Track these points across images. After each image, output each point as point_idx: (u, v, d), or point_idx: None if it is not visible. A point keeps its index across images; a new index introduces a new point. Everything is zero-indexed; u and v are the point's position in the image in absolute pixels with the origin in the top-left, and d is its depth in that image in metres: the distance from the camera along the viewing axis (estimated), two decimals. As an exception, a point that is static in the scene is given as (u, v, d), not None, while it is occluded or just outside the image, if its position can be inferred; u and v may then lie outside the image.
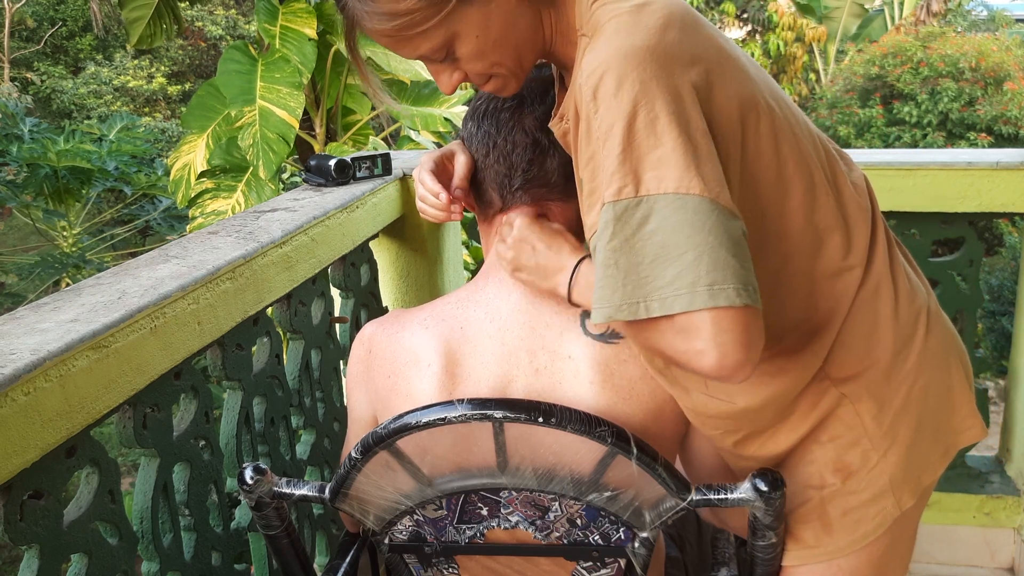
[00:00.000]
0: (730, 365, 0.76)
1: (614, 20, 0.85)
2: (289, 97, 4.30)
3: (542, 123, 1.04)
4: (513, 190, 1.06)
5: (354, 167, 1.83)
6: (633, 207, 0.78)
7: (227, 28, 14.40)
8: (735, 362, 0.76)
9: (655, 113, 0.79)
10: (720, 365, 0.76)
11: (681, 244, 0.76)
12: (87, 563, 1.06)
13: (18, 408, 0.90)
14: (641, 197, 0.78)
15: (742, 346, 0.76)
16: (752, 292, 0.76)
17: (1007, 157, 2.01)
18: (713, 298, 0.75)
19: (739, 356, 0.76)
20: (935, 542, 2.24)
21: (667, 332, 0.79)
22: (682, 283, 0.76)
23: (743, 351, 0.76)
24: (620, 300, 0.78)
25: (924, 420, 1.00)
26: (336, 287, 1.80)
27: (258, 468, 1.02)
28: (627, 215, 0.78)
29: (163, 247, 1.37)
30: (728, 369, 0.76)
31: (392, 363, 1.07)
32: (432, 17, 0.88)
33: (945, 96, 7.84)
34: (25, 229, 9.82)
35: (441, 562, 1.07)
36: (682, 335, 0.77)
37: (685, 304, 0.75)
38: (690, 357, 0.78)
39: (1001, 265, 5.97)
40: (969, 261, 2.15)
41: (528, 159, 1.04)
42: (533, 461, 0.94)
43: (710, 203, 0.77)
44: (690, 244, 0.76)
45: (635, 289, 0.78)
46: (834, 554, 1.02)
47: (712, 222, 0.77)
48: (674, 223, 0.77)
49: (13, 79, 13.88)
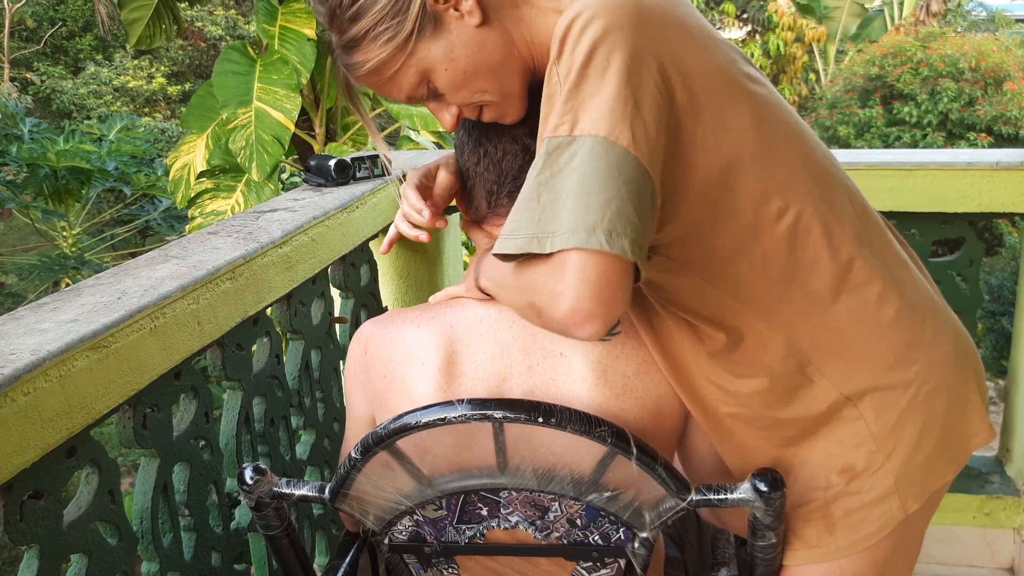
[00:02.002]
0: (583, 312, 0.75)
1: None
2: (286, 99, 4.30)
3: (532, 131, 1.04)
4: (499, 197, 1.07)
5: (354, 167, 1.83)
6: (565, 144, 0.80)
7: (227, 28, 14.40)
8: (589, 310, 0.75)
9: (608, 61, 0.81)
10: (573, 310, 0.75)
11: (596, 187, 0.77)
12: (87, 563, 1.06)
13: (18, 408, 0.90)
14: (574, 136, 0.80)
15: (598, 299, 0.75)
16: (639, 253, 0.76)
17: (1007, 157, 2.01)
18: (610, 244, 0.74)
19: (592, 307, 0.75)
20: (935, 542, 2.24)
21: (543, 270, 0.79)
22: (583, 222, 0.75)
23: (597, 303, 0.75)
24: (532, 232, 0.78)
25: (931, 423, 0.99)
26: (336, 287, 1.80)
27: (258, 468, 1.02)
28: (558, 151, 0.80)
29: (163, 247, 1.37)
30: (580, 316, 0.75)
31: (387, 363, 1.07)
32: (399, 58, 0.96)
33: (945, 96, 7.84)
34: (25, 229, 9.82)
35: (441, 562, 1.07)
36: (551, 275, 0.77)
37: (580, 241, 0.75)
38: (550, 300, 0.77)
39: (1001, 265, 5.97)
40: (969, 261, 2.15)
41: (519, 166, 1.05)
42: (533, 461, 0.94)
43: (634, 158, 0.78)
44: (604, 189, 0.77)
45: (547, 223, 0.78)
46: (835, 554, 1.02)
47: (629, 175, 0.78)
48: (596, 166, 0.78)
49: (13, 79, 13.88)
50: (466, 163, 1.10)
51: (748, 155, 0.90)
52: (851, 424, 0.98)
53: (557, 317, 0.77)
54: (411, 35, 0.95)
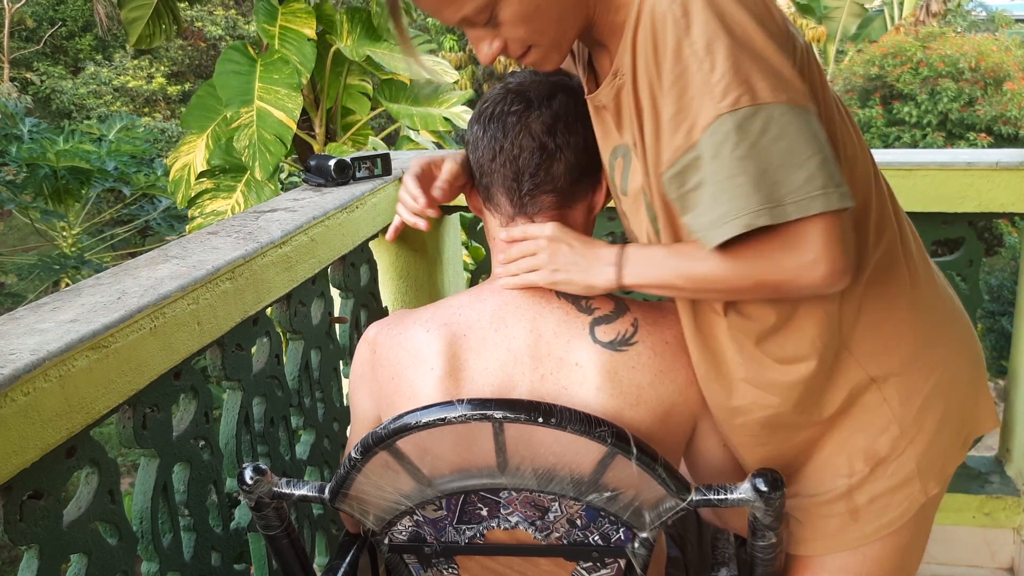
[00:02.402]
0: (838, 271, 0.81)
1: None
2: (287, 98, 4.31)
3: (549, 127, 1.03)
4: (522, 195, 1.06)
5: (354, 167, 1.83)
6: (750, 116, 0.80)
7: (227, 28, 14.40)
8: (843, 267, 0.81)
9: (753, 25, 0.82)
10: (830, 272, 0.81)
11: (806, 150, 0.79)
12: (87, 563, 1.06)
13: (18, 408, 0.90)
14: (759, 105, 0.80)
15: (846, 253, 0.81)
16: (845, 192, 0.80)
17: (1007, 157, 2.01)
18: (841, 200, 0.79)
19: (845, 262, 0.81)
20: (935, 542, 2.24)
21: (774, 247, 0.81)
22: (814, 186, 0.79)
23: (847, 257, 0.81)
24: (757, 205, 0.80)
25: (950, 409, 1.01)
26: (336, 287, 1.80)
27: (258, 468, 1.02)
28: (747, 123, 0.80)
29: (163, 247, 1.37)
30: (837, 275, 0.81)
31: (395, 365, 1.07)
32: None
33: (945, 96, 7.85)
34: (24, 229, 9.82)
35: (441, 562, 1.07)
36: (791, 249, 0.81)
37: (821, 206, 0.79)
38: (800, 271, 0.81)
39: (1001, 265, 5.97)
40: (969, 261, 2.15)
41: (535, 163, 1.04)
42: (533, 461, 0.93)
43: (816, 116, 0.82)
44: (812, 150, 0.79)
45: (770, 193, 0.79)
46: (860, 541, 1.03)
47: (822, 133, 0.81)
48: (796, 130, 0.80)
49: (13, 79, 13.88)
50: (480, 159, 1.08)
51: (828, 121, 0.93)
52: (875, 410, 0.99)
53: (813, 284, 0.81)
54: None
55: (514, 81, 1.07)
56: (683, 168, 0.84)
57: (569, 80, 1.07)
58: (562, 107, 1.03)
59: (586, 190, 1.07)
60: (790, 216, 0.79)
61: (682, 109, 0.83)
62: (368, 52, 4.96)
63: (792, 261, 0.81)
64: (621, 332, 1.01)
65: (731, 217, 0.80)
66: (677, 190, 0.86)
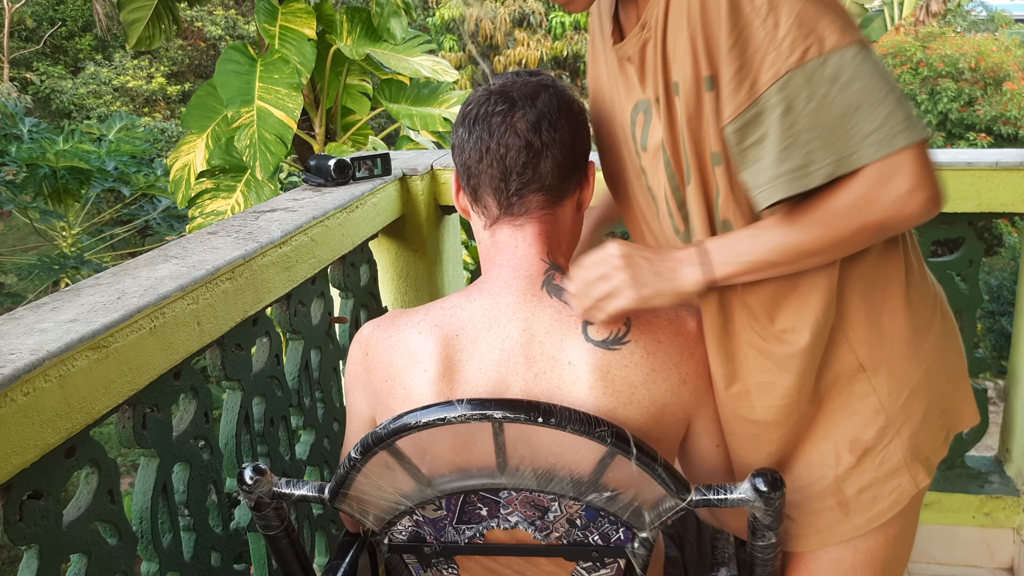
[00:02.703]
0: (936, 196, 0.82)
1: None
2: (288, 98, 4.30)
3: (534, 125, 1.03)
4: (510, 195, 1.06)
5: (354, 167, 1.83)
6: (819, 66, 0.81)
7: (226, 28, 14.40)
8: (939, 192, 0.82)
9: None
10: (930, 198, 0.82)
11: (881, 88, 0.81)
12: (86, 563, 1.06)
13: (18, 408, 0.90)
14: (827, 54, 0.81)
15: (937, 180, 0.82)
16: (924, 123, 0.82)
17: (1006, 157, 2.01)
18: (923, 129, 0.80)
19: (939, 187, 0.82)
20: (935, 542, 2.24)
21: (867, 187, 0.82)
22: (896, 120, 0.80)
23: (938, 184, 0.83)
24: (836, 156, 0.81)
25: (934, 401, 1.03)
26: (336, 287, 1.80)
27: (257, 468, 1.02)
28: (816, 76, 0.82)
29: (162, 247, 1.37)
30: (936, 200, 0.82)
31: (389, 367, 1.07)
32: None
33: (944, 96, 7.85)
34: (24, 229, 9.82)
35: (440, 562, 1.07)
36: (885, 184, 0.81)
37: (906, 138, 0.80)
38: (901, 202, 0.82)
39: (1000, 265, 5.98)
40: (968, 261, 2.15)
41: (523, 162, 1.04)
42: (533, 461, 0.93)
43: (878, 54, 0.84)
44: (887, 87, 0.81)
45: (846, 142, 0.81)
46: (851, 533, 1.03)
47: (886, 69, 0.82)
48: (868, 70, 0.81)
49: (12, 79, 13.88)
50: (467, 161, 1.08)
51: None
52: (863, 399, 1.00)
53: (915, 213, 0.83)
54: None
55: (496, 83, 1.07)
56: (745, 124, 0.85)
57: (551, 79, 1.08)
58: (546, 105, 1.03)
59: (574, 187, 1.07)
60: (876, 156, 0.80)
61: (745, 65, 0.84)
62: (368, 52, 4.96)
63: (889, 196, 0.82)
64: (614, 331, 1.01)
65: (810, 170, 0.82)
66: (737, 145, 0.87)
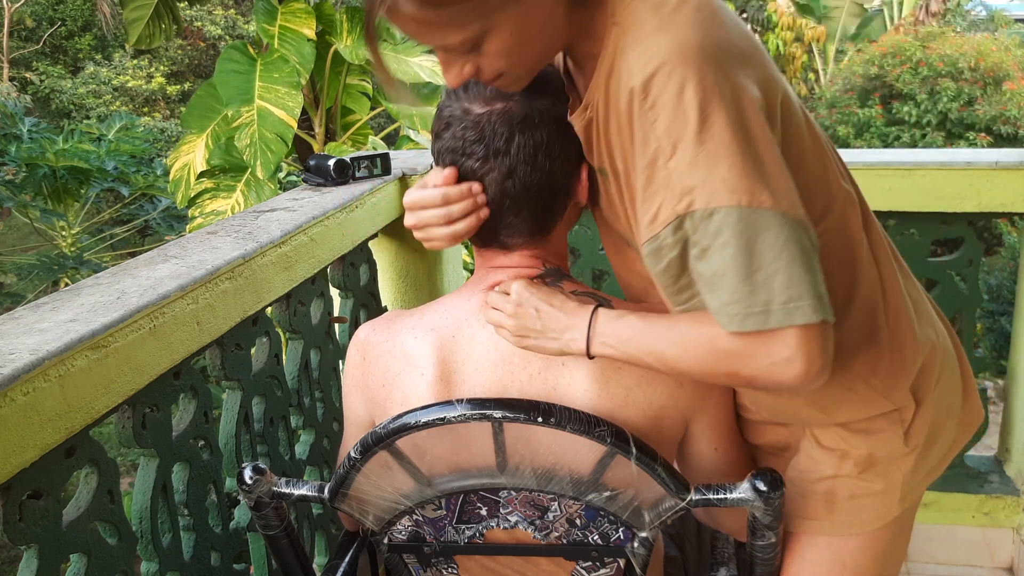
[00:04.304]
0: (814, 372, 0.80)
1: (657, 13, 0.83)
2: (287, 97, 4.30)
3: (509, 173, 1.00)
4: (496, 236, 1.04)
5: (353, 167, 1.82)
6: (705, 218, 0.78)
7: (226, 28, 14.39)
8: (819, 369, 0.80)
9: (722, 122, 0.78)
10: (805, 373, 0.80)
11: (753, 262, 0.78)
12: (86, 563, 1.06)
13: (17, 408, 0.90)
14: (712, 208, 0.78)
15: (824, 355, 0.80)
16: (825, 306, 0.79)
17: (1006, 157, 2.01)
18: (788, 317, 0.77)
19: (821, 364, 0.80)
20: (935, 542, 2.24)
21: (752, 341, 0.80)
22: (755, 302, 0.78)
23: (825, 358, 0.80)
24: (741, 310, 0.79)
25: (938, 423, 1.03)
26: (335, 287, 1.80)
27: (257, 468, 1.02)
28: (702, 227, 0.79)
29: (162, 247, 1.37)
30: (811, 376, 0.80)
31: (386, 371, 1.07)
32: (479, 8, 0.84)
33: (944, 96, 7.84)
34: (24, 229, 9.81)
35: (440, 562, 1.07)
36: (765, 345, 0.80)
37: (758, 324, 0.78)
38: (770, 370, 0.80)
39: (1000, 265, 5.97)
40: (968, 261, 2.15)
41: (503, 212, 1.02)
42: (532, 461, 0.93)
43: (781, 217, 0.78)
44: (762, 262, 0.77)
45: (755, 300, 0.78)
46: (830, 531, 1.04)
47: (784, 238, 0.78)
48: (747, 239, 0.77)
49: (12, 79, 13.87)
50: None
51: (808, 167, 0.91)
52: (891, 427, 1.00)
53: (786, 382, 0.81)
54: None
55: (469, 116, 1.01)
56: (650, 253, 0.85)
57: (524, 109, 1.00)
58: (520, 149, 0.99)
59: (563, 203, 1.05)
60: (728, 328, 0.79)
61: (649, 198, 0.83)
62: (365, 53, 4.96)
63: (765, 359, 0.80)
64: None
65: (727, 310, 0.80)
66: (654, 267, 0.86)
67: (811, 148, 0.92)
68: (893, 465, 1.01)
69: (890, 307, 0.98)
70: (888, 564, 1.07)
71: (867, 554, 1.05)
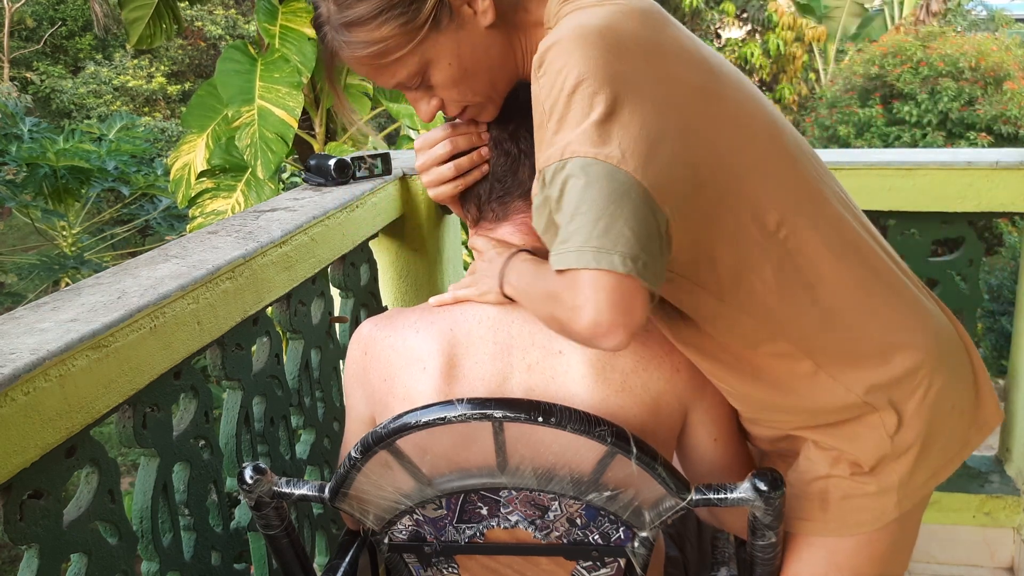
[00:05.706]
0: (604, 324, 0.76)
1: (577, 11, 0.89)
2: (288, 97, 4.30)
3: (512, 135, 1.06)
4: (490, 201, 1.09)
5: (354, 167, 1.83)
6: (559, 170, 0.81)
7: (227, 28, 14.39)
8: (609, 322, 0.76)
9: (592, 90, 0.81)
10: (594, 323, 0.76)
11: (582, 205, 0.78)
12: (87, 563, 1.06)
13: (18, 408, 0.90)
14: (565, 160, 0.80)
15: (618, 309, 0.76)
16: (639, 266, 0.76)
17: (1007, 157, 2.01)
18: (596, 261, 0.76)
19: (612, 318, 0.76)
20: (935, 542, 2.24)
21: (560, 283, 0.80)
22: (574, 243, 0.77)
23: (618, 314, 0.76)
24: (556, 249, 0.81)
25: (935, 425, 1.00)
26: (336, 287, 1.80)
27: (258, 468, 1.02)
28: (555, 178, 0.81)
29: (163, 247, 1.37)
30: (602, 328, 0.76)
31: (388, 366, 1.07)
32: (405, 45, 0.93)
33: (945, 96, 7.84)
34: (24, 229, 9.82)
35: (441, 562, 1.07)
36: (568, 289, 0.79)
37: (571, 262, 0.77)
38: (569, 315, 0.79)
39: (1001, 265, 5.97)
40: (969, 261, 2.15)
41: (501, 172, 1.08)
42: (533, 461, 0.94)
43: (624, 174, 0.78)
44: (591, 206, 0.77)
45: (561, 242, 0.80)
46: (823, 531, 1.04)
47: (621, 193, 0.78)
48: (585, 184, 0.78)
49: (13, 79, 13.87)
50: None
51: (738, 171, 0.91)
52: (872, 430, 0.99)
53: (578, 329, 0.78)
54: (425, 23, 0.93)
55: None
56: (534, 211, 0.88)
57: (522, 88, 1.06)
58: (521, 112, 1.02)
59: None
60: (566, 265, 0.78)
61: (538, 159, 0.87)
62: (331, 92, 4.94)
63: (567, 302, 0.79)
64: None
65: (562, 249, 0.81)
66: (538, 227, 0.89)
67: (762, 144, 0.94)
68: (887, 467, 1.00)
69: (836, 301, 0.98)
70: (888, 567, 1.06)
71: (863, 556, 1.04)
